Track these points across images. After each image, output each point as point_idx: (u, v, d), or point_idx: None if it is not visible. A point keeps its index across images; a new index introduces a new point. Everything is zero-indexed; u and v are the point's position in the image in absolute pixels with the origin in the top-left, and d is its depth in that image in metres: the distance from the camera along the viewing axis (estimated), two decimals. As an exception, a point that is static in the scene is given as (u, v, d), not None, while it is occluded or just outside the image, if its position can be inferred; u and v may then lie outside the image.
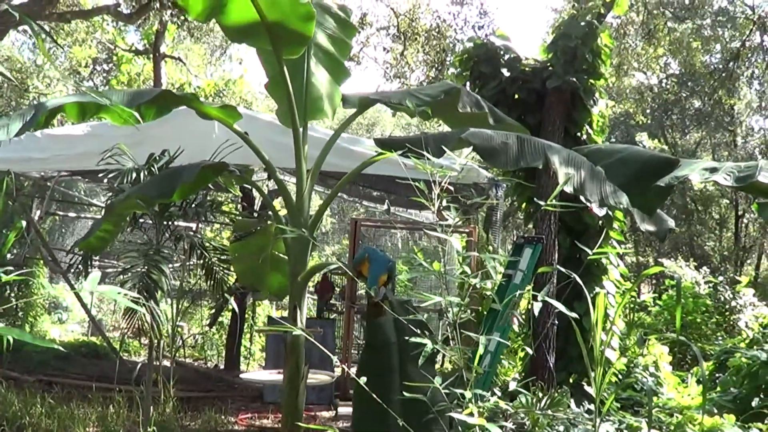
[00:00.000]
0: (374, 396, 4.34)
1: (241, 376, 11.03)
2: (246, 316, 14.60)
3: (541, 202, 4.13)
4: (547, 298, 4.57)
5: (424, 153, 4.19)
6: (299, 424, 5.39)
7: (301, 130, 5.89)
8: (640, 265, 30.51)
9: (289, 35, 5.45)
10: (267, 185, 12.68)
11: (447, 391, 3.98)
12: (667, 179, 3.93)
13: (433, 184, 4.13)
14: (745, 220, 32.46)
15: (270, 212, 11.24)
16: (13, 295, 13.59)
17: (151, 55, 24.84)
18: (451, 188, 4.22)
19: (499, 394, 8.53)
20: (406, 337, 4.69)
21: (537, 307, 4.60)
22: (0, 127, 4.66)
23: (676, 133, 35.38)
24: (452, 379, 4.13)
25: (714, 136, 34.11)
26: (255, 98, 31.35)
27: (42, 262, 14.26)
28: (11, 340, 3.38)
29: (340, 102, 6.42)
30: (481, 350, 4.06)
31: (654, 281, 29.97)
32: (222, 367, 14.45)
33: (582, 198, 4.52)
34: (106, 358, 13.55)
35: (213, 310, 14.87)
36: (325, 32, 6.23)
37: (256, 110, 24.64)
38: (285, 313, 15.41)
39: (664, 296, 18.39)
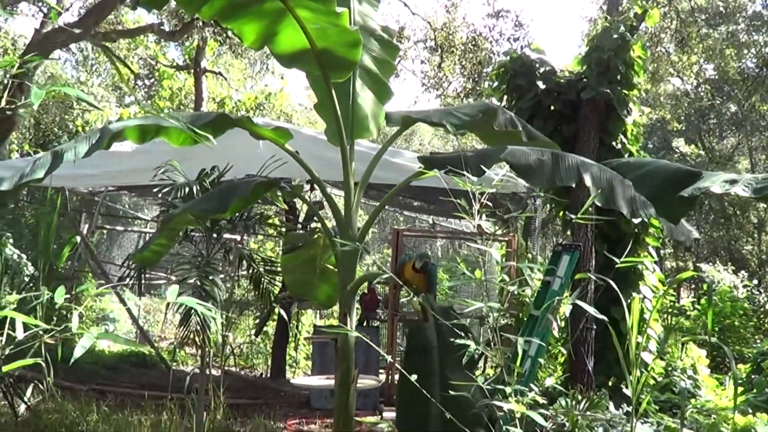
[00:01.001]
0: (416, 396, 4.67)
1: (292, 381, 11.32)
2: (290, 325, 14.87)
3: (572, 216, 4.43)
4: (579, 302, 4.86)
5: (465, 171, 4.51)
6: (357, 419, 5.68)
7: (348, 148, 6.20)
8: (680, 270, 30.48)
9: (337, 61, 5.78)
10: (309, 198, 13.03)
11: (489, 387, 4.27)
12: (690, 190, 4.19)
13: (473, 198, 4.43)
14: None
15: (316, 224, 11.64)
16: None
17: (192, 70, 25.18)
18: (490, 202, 4.52)
19: (539, 397, 8.74)
20: (448, 341, 5.01)
21: (568, 310, 4.89)
22: (68, 149, 5.02)
23: (712, 138, 35.34)
24: (493, 379, 4.42)
25: (751, 141, 34.04)
26: (294, 111, 31.70)
27: (90, 274, 14.63)
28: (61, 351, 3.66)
29: (384, 120, 6.75)
30: (520, 352, 4.33)
31: (693, 286, 29.97)
32: (268, 375, 14.63)
33: (613, 208, 4.84)
34: (153, 368, 13.90)
35: (258, 320, 15.16)
36: (369, 54, 6.52)
37: (296, 124, 24.97)
38: (328, 323, 15.76)
39: (703, 300, 18.53)
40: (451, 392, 4.46)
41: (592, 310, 4.86)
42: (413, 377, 4.42)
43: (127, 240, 19.67)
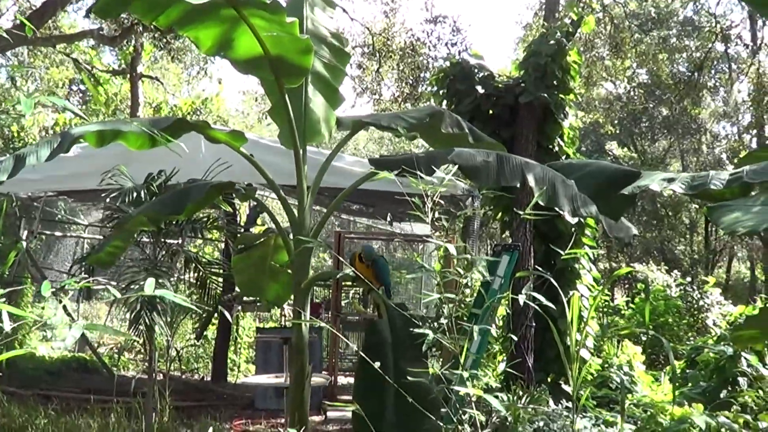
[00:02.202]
0: (371, 389, 4.89)
1: (240, 380, 11.42)
2: (232, 328, 14.97)
3: (520, 212, 4.66)
4: (521, 297, 5.08)
5: (416, 172, 4.73)
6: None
7: (301, 151, 6.39)
8: (613, 270, 30.99)
9: (290, 67, 5.96)
10: (249, 202, 13.18)
11: (444, 373, 4.48)
12: (629, 189, 4.44)
13: (423, 198, 4.63)
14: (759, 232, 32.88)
15: (257, 227, 11.76)
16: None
17: (129, 75, 25.08)
18: (441, 202, 4.73)
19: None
20: (401, 336, 5.23)
21: (521, 299, 5.09)
22: (30, 153, 5.15)
23: (644, 141, 35.96)
24: (447, 367, 4.63)
25: (682, 143, 34.68)
26: (230, 116, 31.73)
27: (30, 280, 14.57)
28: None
29: (336, 124, 6.95)
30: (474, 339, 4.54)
31: (627, 286, 30.49)
32: (209, 378, 14.69)
33: (556, 209, 5.09)
34: (95, 373, 13.91)
35: (197, 324, 15.21)
36: (321, 60, 6.71)
37: (233, 127, 25.02)
38: (268, 325, 15.84)
39: (637, 300, 18.94)
40: (408, 380, 4.67)
41: (535, 304, 5.08)
42: (376, 365, 4.60)
43: (63, 246, 19.52)
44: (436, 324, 5.52)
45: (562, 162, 6.56)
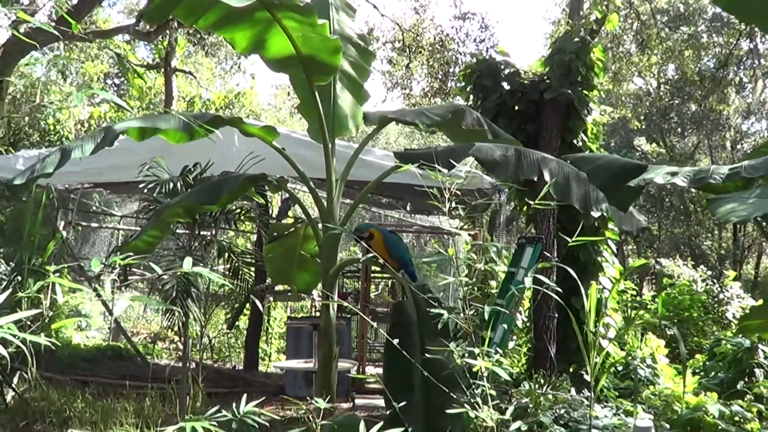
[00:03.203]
0: (399, 364, 5.20)
1: (274, 365, 11.70)
2: (263, 318, 15.25)
3: (532, 203, 4.93)
4: (542, 288, 5.34)
5: (436, 166, 5.01)
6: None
7: (330, 145, 6.71)
8: (643, 266, 31.02)
9: (320, 66, 6.29)
10: (281, 193, 13.47)
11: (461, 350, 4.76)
12: (636, 181, 4.70)
13: (443, 191, 4.91)
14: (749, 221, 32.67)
15: (289, 218, 12.05)
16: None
17: (163, 69, 25.36)
18: (458, 193, 5.00)
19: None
20: (425, 315, 5.52)
21: (528, 282, 5.33)
22: (75, 147, 5.52)
23: (674, 136, 35.94)
24: (465, 344, 4.91)
25: (711, 139, 34.66)
26: (263, 110, 32.02)
27: (67, 270, 14.88)
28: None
29: (362, 120, 7.26)
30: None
31: (654, 281, 30.53)
32: (240, 367, 14.98)
33: (567, 202, 5.39)
34: (129, 360, 14.21)
35: (229, 314, 15.48)
36: (347, 59, 7.00)
37: (265, 121, 25.31)
38: (299, 315, 16.11)
39: (660, 297, 19.08)
40: (431, 357, 4.97)
41: (556, 296, 5.33)
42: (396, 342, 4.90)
43: (98, 237, 19.77)
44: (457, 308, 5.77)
45: (576, 155, 6.82)
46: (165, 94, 25.84)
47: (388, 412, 5.43)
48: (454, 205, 4.86)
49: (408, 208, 15.29)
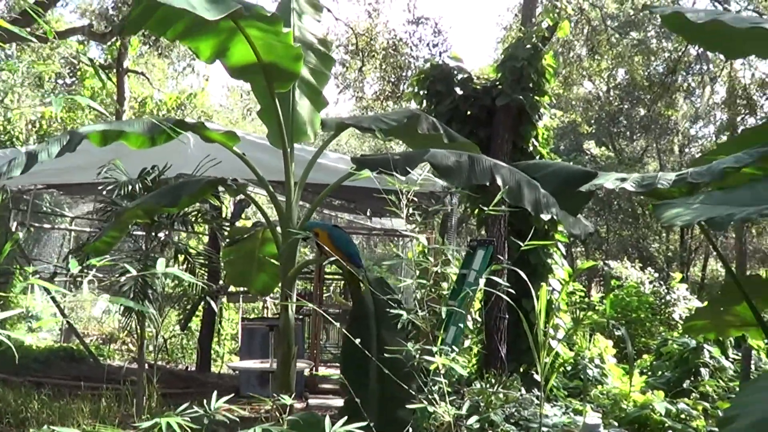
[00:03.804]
0: (357, 357, 5.38)
1: (228, 365, 11.78)
2: (216, 319, 15.32)
3: (485, 208, 5.13)
4: (493, 290, 5.54)
5: (393, 171, 5.19)
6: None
7: (289, 150, 6.86)
8: (591, 268, 31.39)
9: (281, 73, 6.42)
10: (233, 198, 13.61)
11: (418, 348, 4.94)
12: (586, 187, 4.89)
13: (400, 195, 5.08)
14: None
15: (243, 221, 12.15)
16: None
17: (115, 70, 25.26)
18: (415, 199, 5.18)
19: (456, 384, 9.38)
20: (383, 309, 5.71)
21: (481, 283, 5.53)
22: (41, 150, 5.66)
23: (622, 140, 36.40)
24: (422, 343, 5.09)
25: (659, 143, 35.14)
26: (215, 111, 32.01)
27: (19, 272, 14.83)
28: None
29: (320, 126, 7.42)
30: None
31: (602, 283, 30.90)
32: (192, 368, 14.97)
33: (520, 206, 5.60)
34: (82, 362, 14.20)
35: (181, 315, 15.52)
36: (307, 66, 7.15)
37: (217, 122, 25.33)
38: (250, 317, 16.18)
39: (608, 297, 19.42)
40: (388, 351, 5.14)
41: (507, 297, 5.52)
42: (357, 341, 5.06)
43: (49, 238, 19.68)
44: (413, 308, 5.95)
45: (527, 162, 7.04)
46: (117, 94, 25.74)
47: (345, 403, 5.60)
48: (411, 210, 5.03)
49: (368, 213, 15.45)
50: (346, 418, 4.04)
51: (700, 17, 3.82)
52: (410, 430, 4.99)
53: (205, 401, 4.32)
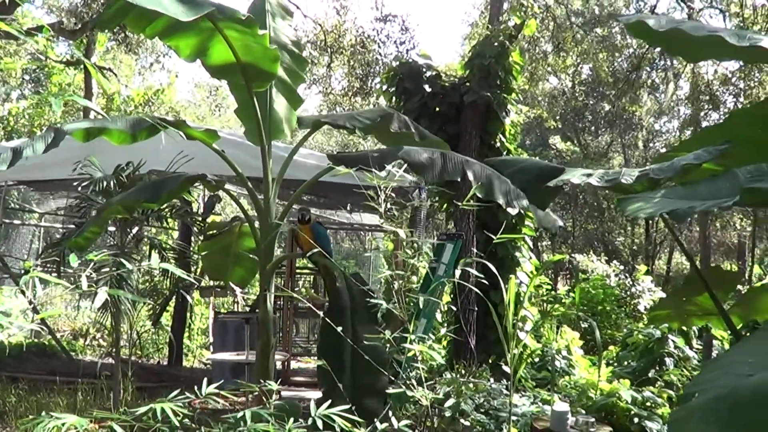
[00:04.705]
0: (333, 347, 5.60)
1: (207, 357, 11.89)
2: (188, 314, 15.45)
3: (458, 204, 5.35)
4: (462, 282, 5.75)
5: (369, 167, 5.40)
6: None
7: (267, 147, 7.03)
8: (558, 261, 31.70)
9: (259, 73, 6.59)
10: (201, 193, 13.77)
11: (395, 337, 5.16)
12: (554, 182, 5.10)
13: (378, 192, 5.29)
14: (655, 217, 33.51)
15: (214, 216, 12.30)
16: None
17: (82, 66, 25.23)
18: (393, 195, 5.39)
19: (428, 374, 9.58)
20: (358, 301, 5.93)
21: (456, 275, 5.76)
22: (26, 146, 5.83)
23: (588, 135, 36.75)
24: (398, 331, 5.31)
25: (624, 138, 35.51)
26: (183, 107, 32.08)
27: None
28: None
29: (296, 123, 7.60)
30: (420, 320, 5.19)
31: (569, 276, 31.25)
32: (164, 362, 15.14)
33: (492, 200, 5.82)
34: (54, 357, 14.29)
35: (151, 310, 15.62)
36: (282, 66, 7.31)
37: (184, 117, 25.37)
38: (224, 310, 16.31)
39: (577, 288, 19.71)
40: (362, 341, 5.36)
41: (477, 289, 5.74)
42: (338, 329, 5.28)
43: (18, 234, 19.67)
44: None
45: (497, 159, 7.23)
46: (84, 90, 25.75)
47: (323, 392, 5.81)
48: (388, 206, 5.24)
49: (348, 208, 15.60)
50: (328, 402, 4.25)
51: (662, 25, 4.04)
52: (387, 414, 5.18)
53: (196, 387, 4.48)
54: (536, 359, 11.78)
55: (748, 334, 5.75)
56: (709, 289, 4.78)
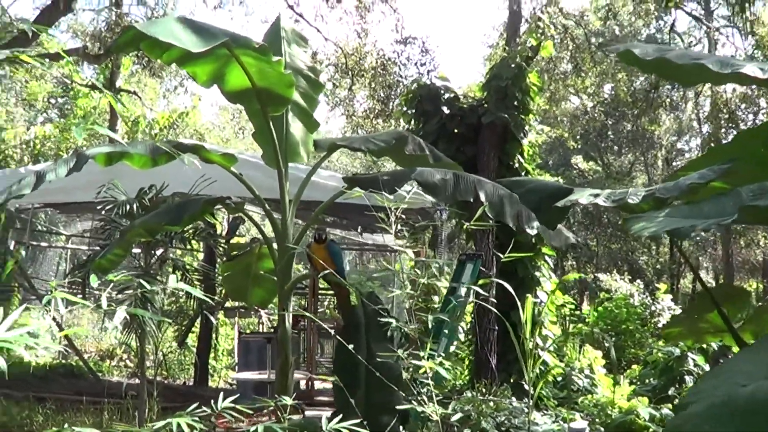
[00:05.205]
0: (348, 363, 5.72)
1: (232, 376, 12.00)
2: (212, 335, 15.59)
3: (465, 223, 5.48)
4: (482, 303, 5.86)
5: (382, 189, 5.53)
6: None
7: (283, 170, 7.19)
8: (582, 281, 31.64)
9: (275, 98, 6.76)
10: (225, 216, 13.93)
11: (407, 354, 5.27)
12: (563, 202, 5.20)
13: (389, 213, 5.41)
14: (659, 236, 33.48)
15: (237, 238, 12.45)
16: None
17: (107, 90, 25.35)
18: (403, 216, 5.51)
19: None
20: (373, 320, 6.07)
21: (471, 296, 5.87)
22: (50, 171, 6.04)
23: (610, 155, 36.71)
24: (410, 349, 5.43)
25: (647, 157, 35.46)
26: (207, 130, 32.28)
27: (17, 289, 15.08)
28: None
29: (313, 146, 7.76)
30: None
31: (593, 295, 31.19)
32: (189, 383, 15.21)
33: (502, 221, 5.94)
34: (81, 377, 14.44)
35: (177, 332, 15.74)
36: (298, 91, 7.46)
37: (209, 140, 25.56)
38: (246, 332, 16.42)
39: (600, 308, 19.72)
40: (377, 358, 5.49)
41: (493, 308, 5.85)
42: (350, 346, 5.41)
43: (45, 257, 19.85)
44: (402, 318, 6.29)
45: (509, 179, 7.36)
46: (110, 114, 25.99)
47: (337, 407, 5.95)
48: (399, 227, 5.35)
49: (359, 230, 15.71)
50: (340, 416, 4.36)
51: (648, 53, 4.14)
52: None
53: (212, 401, 4.59)
54: (558, 378, 11.82)
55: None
56: (718, 306, 4.86)
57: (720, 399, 2.62)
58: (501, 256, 5.68)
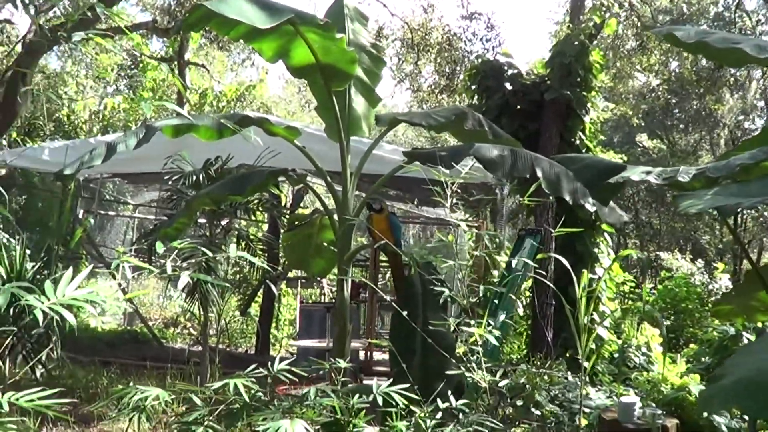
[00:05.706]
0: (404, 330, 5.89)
1: (291, 343, 12.21)
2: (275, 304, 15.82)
3: (520, 198, 5.61)
4: (539, 278, 5.97)
5: (440, 164, 5.68)
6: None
7: (345, 143, 7.35)
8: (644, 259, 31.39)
9: (337, 74, 6.94)
10: (291, 187, 14.12)
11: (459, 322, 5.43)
12: (615, 178, 5.31)
13: (447, 186, 5.56)
14: (744, 215, 33.29)
15: (302, 209, 12.64)
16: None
17: (176, 62, 25.75)
18: (462, 191, 5.64)
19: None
20: (428, 289, 6.23)
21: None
22: (120, 142, 6.26)
23: (676, 133, 36.38)
24: (461, 319, 5.59)
25: (713, 136, 35.11)
26: (274, 103, 32.52)
27: (85, 257, 15.41)
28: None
29: (374, 121, 7.91)
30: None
31: (655, 274, 31.03)
32: (251, 352, 15.50)
33: (560, 196, 6.04)
34: (145, 344, 14.79)
35: (240, 301, 16.00)
36: (361, 66, 7.60)
37: (276, 115, 25.80)
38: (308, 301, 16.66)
39: (660, 286, 19.66)
40: (431, 326, 5.66)
41: (550, 284, 5.96)
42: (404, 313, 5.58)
43: (113, 225, 20.21)
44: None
45: (563, 155, 7.43)
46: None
47: (393, 373, 6.12)
48: (455, 200, 5.49)
49: (415, 202, 15.82)
50: (393, 381, 4.53)
51: (690, 36, 4.24)
52: (448, 396, 5.39)
53: (269, 363, 4.76)
54: (615, 355, 11.87)
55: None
56: (766, 285, 4.93)
57: (749, 373, 2.74)
58: (553, 231, 5.78)
